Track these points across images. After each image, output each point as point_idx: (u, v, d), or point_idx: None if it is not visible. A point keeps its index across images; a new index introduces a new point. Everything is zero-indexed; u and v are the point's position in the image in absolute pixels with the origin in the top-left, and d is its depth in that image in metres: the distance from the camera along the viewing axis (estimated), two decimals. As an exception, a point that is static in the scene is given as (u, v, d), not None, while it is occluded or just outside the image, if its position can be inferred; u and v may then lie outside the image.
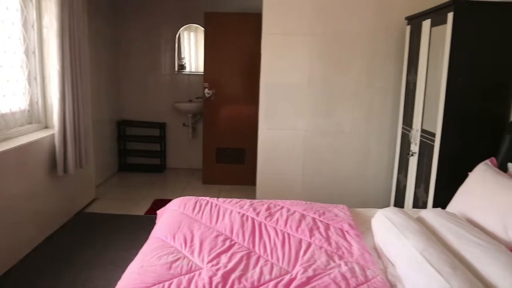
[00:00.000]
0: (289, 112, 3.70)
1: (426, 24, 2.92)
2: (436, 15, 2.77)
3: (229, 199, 2.48)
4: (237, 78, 4.81)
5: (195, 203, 2.39)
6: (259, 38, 3.65)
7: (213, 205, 2.38)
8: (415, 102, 3.11)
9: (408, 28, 3.34)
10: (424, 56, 2.95)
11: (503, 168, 2.39)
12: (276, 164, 3.77)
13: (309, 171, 3.78)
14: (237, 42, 4.69)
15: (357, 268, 1.66)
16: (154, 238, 1.98)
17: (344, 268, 1.66)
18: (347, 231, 2.05)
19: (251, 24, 4.45)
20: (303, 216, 2.20)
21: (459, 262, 1.57)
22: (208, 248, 1.83)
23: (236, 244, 1.90)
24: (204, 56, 4.79)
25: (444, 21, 2.61)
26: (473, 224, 2.01)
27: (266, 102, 3.69)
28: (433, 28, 2.81)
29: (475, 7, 2.54)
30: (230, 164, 4.95)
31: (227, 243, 1.89)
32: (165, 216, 2.29)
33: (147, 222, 3.10)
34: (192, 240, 1.90)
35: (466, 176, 2.38)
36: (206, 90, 4.76)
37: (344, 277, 1.59)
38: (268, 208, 2.31)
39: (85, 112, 3.60)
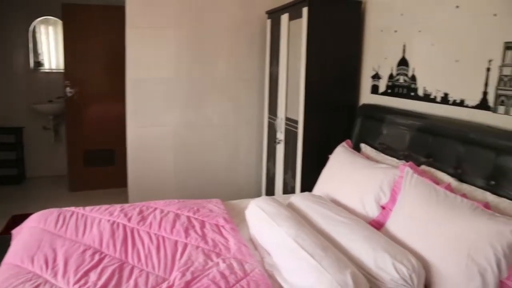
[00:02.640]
0: (158, 108, 3.57)
1: (285, 18, 3.06)
2: (293, 10, 2.92)
3: (98, 207, 2.29)
4: (102, 75, 4.48)
5: (58, 216, 2.15)
6: (124, 32, 3.42)
7: (79, 215, 2.16)
8: (279, 92, 3.25)
9: (268, 22, 3.47)
10: (284, 48, 3.09)
11: (357, 148, 2.64)
12: (147, 163, 3.61)
13: (181, 168, 3.71)
14: (101, 37, 4.36)
15: (235, 264, 1.66)
16: (6, 265, 1.71)
17: (222, 266, 1.65)
18: (222, 226, 2.04)
19: (115, 17, 4.13)
20: (177, 216, 2.14)
21: (329, 243, 1.68)
22: (75, 266, 1.65)
23: (107, 256, 1.75)
24: (64, 52, 4.35)
25: (300, 15, 2.76)
26: (337, 203, 2.17)
27: (134, 98, 3.50)
28: (291, 22, 2.95)
29: (327, 3, 2.74)
30: (100, 167, 4.62)
31: (96, 257, 1.73)
32: (22, 235, 2.01)
33: (0, 245, 2.70)
34: (55, 260, 1.70)
35: (327, 159, 2.57)
36: (68, 88, 4.34)
37: (223, 275, 1.57)
38: (141, 212, 2.19)
39: None
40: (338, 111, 2.87)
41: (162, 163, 3.65)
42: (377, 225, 1.96)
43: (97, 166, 4.61)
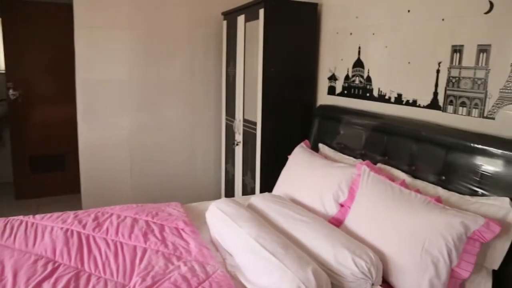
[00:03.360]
0: (112, 111, 3.45)
1: (241, 19, 3.06)
2: (249, 11, 2.92)
3: (49, 215, 2.17)
4: (49, 76, 4.26)
5: (5, 225, 2.02)
6: (73, 31, 3.27)
7: (29, 224, 2.04)
8: (236, 93, 3.25)
9: (224, 23, 3.46)
10: (241, 49, 3.09)
11: (315, 148, 2.68)
12: (102, 167, 3.48)
13: (137, 172, 3.61)
14: (47, 35, 4.13)
15: (197, 266, 1.64)
16: None
17: (183, 268, 1.62)
18: (182, 229, 2.00)
19: (62, 15, 3.95)
20: (135, 221, 2.07)
21: (290, 241, 1.70)
22: (25, 278, 1.55)
23: (61, 266, 1.67)
24: (4, 52, 4.10)
25: (256, 17, 2.77)
26: (296, 203, 2.20)
27: (85, 101, 3.36)
28: (247, 23, 2.96)
29: (283, 5, 2.77)
30: (49, 173, 4.39)
31: (50, 267, 1.64)
32: (-36, 248, 1.87)
33: None
34: (2, 273, 1.59)
35: (286, 159, 2.59)
36: (11, 91, 4.09)
37: (185, 278, 1.54)
38: (96, 218, 2.10)
39: None
40: (296, 112, 2.90)
41: (118, 168, 3.54)
42: (336, 222, 2.00)
43: (46, 172, 4.38)
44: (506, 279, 1.54)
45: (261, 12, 2.69)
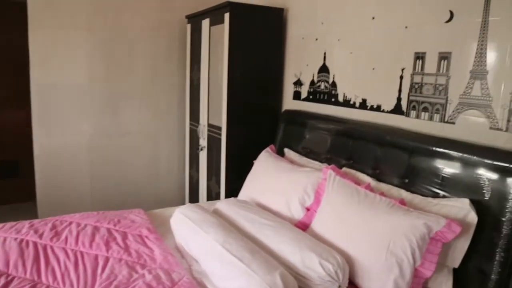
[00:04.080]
0: (70, 115, 3.31)
1: (206, 23, 3.03)
2: (214, 15, 2.90)
3: (1, 224, 2.05)
4: (1, 79, 4.04)
5: (-49, 236, 1.88)
6: (27, 31, 3.12)
7: (-21, 234, 1.92)
8: (200, 98, 3.21)
9: (188, 26, 3.41)
10: (206, 53, 3.06)
11: (281, 153, 2.68)
12: (59, 174, 3.33)
13: (98, 179, 3.48)
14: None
15: (162, 274, 1.58)
16: None
17: (148, 277, 1.56)
18: (146, 236, 1.94)
19: (14, 14, 3.77)
20: (96, 229, 1.99)
21: (256, 246, 1.68)
22: (-25, 291, 1.45)
23: (15, 278, 1.57)
24: None
25: (221, 21, 2.75)
26: (263, 207, 2.19)
27: (41, 105, 3.20)
28: (212, 27, 2.93)
29: (249, 9, 2.77)
30: (1, 180, 4.17)
31: (2, 281, 1.53)
32: None
33: None
34: (-51, 287, 1.48)
35: (252, 164, 2.58)
36: (-44, 93, 3.86)
37: (150, 286, 1.49)
38: (54, 227, 2.00)
39: None
40: (262, 117, 2.90)
41: (77, 174, 3.39)
42: (303, 226, 2.00)
43: (-2, 179, 4.17)
44: (466, 276, 1.60)
45: (227, 16, 2.68)
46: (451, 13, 1.79)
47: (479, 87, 1.69)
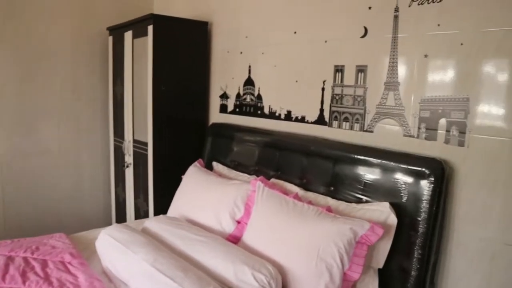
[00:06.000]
0: (-24, 134, 3.02)
1: (128, 35, 2.94)
2: (137, 27, 2.82)
3: None
4: None
5: None
6: None
7: None
8: (125, 113, 3.09)
9: (110, 38, 3.29)
10: (129, 67, 2.96)
11: (209, 167, 2.67)
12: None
13: (12, 202, 3.17)
14: None
15: (87, 301, 1.49)
16: None
17: (71, 305, 1.45)
18: (69, 262, 1.81)
19: None
20: (10, 259, 1.81)
21: (189, 263, 1.64)
22: None
23: None
24: None
25: (145, 33, 2.69)
26: (193, 223, 2.15)
27: None
28: (135, 40, 2.86)
29: (173, 22, 2.74)
30: None
31: None
32: None
33: None
34: None
35: (180, 179, 2.53)
36: None
37: (73, 316, 1.38)
38: (-41, 259, 1.80)
39: None
40: (189, 131, 2.86)
41: (-15, 199, 3.08)
42: (234, 239, 2.00)
43: None
44: (390, 275, 1.70)
45: (150, 28, 2.63)
46: (366, 29, 1.92)
47: (392, 97, 1.82)
